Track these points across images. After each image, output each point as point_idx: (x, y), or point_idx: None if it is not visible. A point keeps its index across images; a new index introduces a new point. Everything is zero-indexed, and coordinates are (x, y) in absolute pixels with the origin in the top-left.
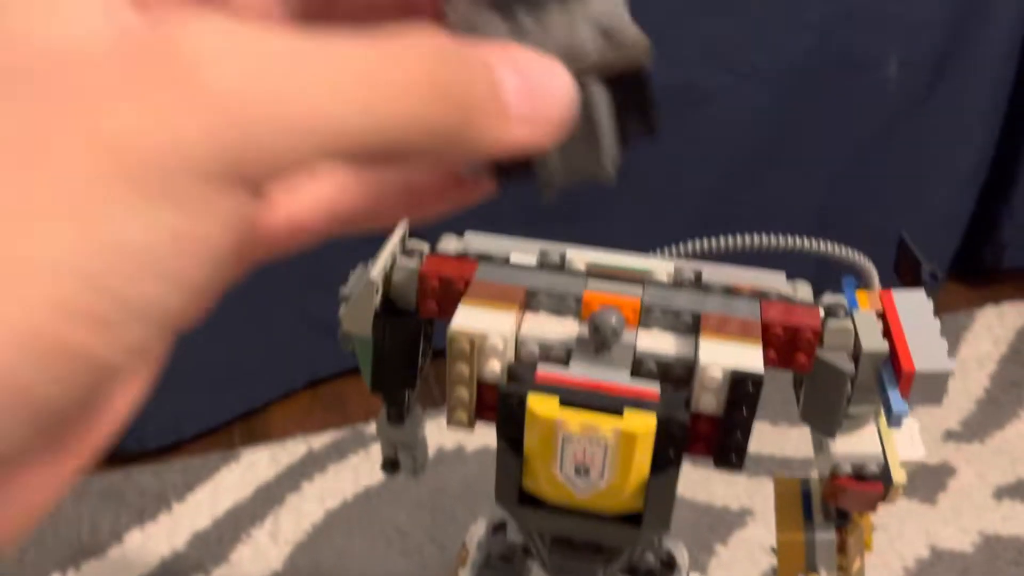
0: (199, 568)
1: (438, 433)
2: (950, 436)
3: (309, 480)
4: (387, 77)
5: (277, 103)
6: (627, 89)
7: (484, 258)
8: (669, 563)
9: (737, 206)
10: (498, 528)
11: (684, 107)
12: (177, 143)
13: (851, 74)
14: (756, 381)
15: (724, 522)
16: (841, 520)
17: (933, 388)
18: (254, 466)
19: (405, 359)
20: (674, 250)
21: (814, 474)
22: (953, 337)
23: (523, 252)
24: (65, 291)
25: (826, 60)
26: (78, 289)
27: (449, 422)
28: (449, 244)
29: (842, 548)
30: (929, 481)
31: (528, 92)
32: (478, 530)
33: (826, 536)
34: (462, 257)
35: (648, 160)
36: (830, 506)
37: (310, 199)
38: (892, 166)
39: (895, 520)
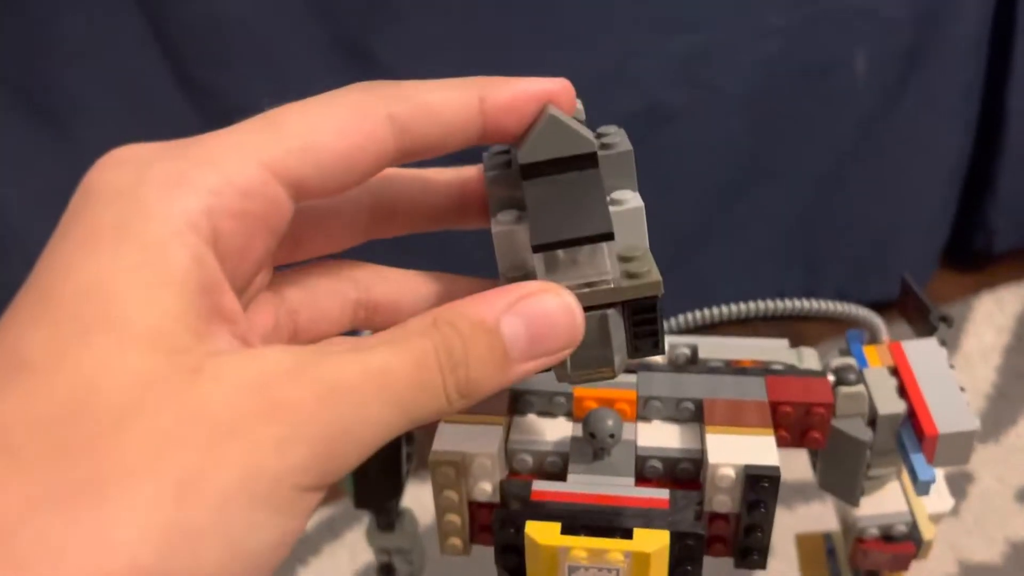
0: None
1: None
2: None
3: (304, 565)
4: (412, 385)
5: (355, 426)
6: (640, 314)
7: None
8: None
9: (717, 226)
10: None
11: (651, 128)
12: (294, 468)
13: (821, 77)
14: (773, 477)
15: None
16: None
17: (958, 449)
18: None
19: (387, 471)
20: (665, 325)
21: (837, 526)
22: (954, 329)
23: None
24: None
25: (793, 65)
26: None
27: (442, 550)
28: None
29: None
30: (950, 490)
31: (530, 336)
32: None
33: None
34: None
35: None
36: (858, 568)
37: None
38: (873, 165)
39: None
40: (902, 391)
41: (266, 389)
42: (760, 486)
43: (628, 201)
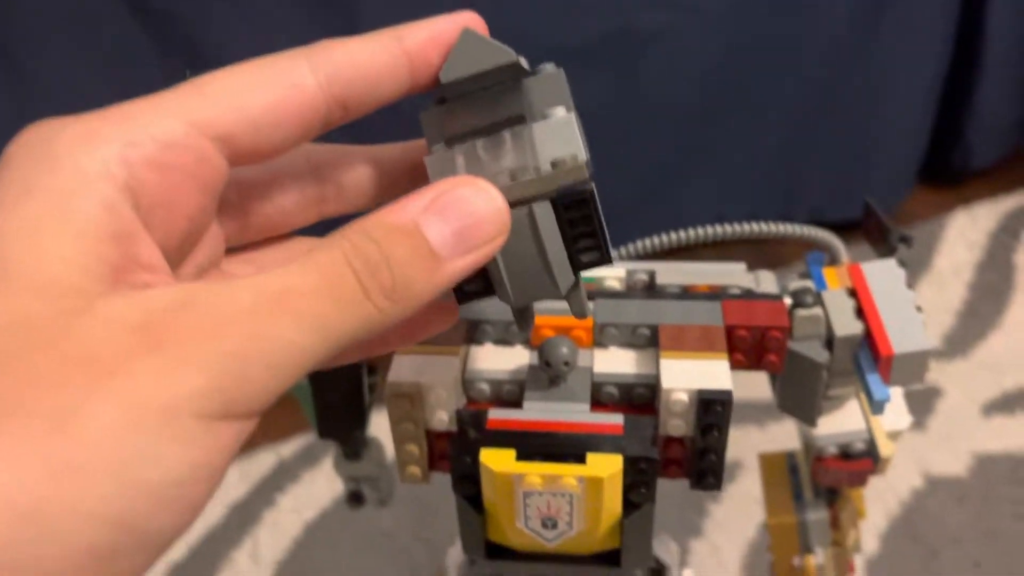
0: None
1: None
2: (933, 355)
3: (283, 492)
4: (322, 300)
5: (253, 350)
6: (573, 211)
7: None
8: (658, 568)
9: (693, 150)
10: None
11: (628, 51)
12: (188, 396)
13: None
14: (725, 400)
15: None
16: (831, 495)
17: (914, 368)
18: (223, 485)
19: (349, 403)
20: (622, 251)
21: (799, 449)
22: (926, 247)
23: None
24: (98, 537)
25: None
26: (108, 533)
27: (402, 479)
28: None
29: (835, 523)
30: (917, 406)
31: (454, 231)
32: (456, 553)
33: (818, 516)
34: None
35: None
36: (819, 485)
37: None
38: (849, 85)
39: None
40: (860, 312)
41: (149, 325)
42: (713, 410)
43: (556, 113)
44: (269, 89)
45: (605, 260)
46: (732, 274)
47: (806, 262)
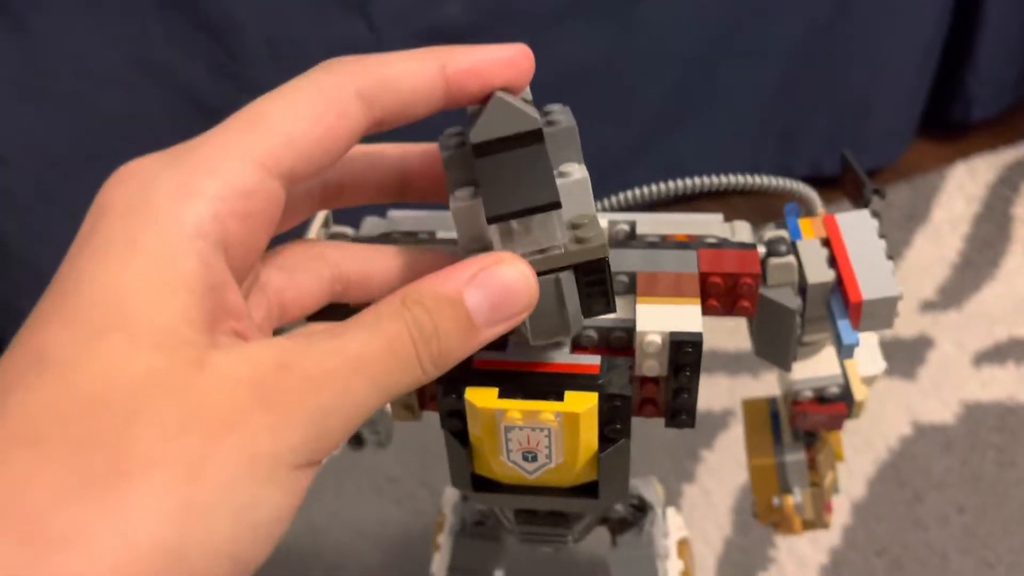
0: None
1: None
2: (927, 307)
3: None
4: (388, 364)
5: (337, 407)
6: (591, 275)
7: (409, 236)
8: (641, 506)
9: (690, 102)
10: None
11: (620, 6)
12: (290, 449)
13: None
14: (696, 343)
15: (707, 425)
16: (810, 438)
17: (883, 314)
18: None
19: None
20: (606, 203)
21: (780, 395)
22: (925, 199)
23: (451, 226)
24: (221, 572)
25: None
26: (228, 568)
27: (395, 418)
28: (374, 228)
29: (812, 465)
30: (908, 355)
31: (491, 304)
32: (451, 494)
33: (796, 457)
34: (386, 239)
35: (592, 68)
36: (797, 428)
37: None
38: (848, 36)
39: (876, 400)
40: (833, 261)
41: (258, 383)
42: (684, 351)
43: (573, 173)
44: (321, 121)
45: (611, 310)
46: (709, 224)
47: (783, 212)
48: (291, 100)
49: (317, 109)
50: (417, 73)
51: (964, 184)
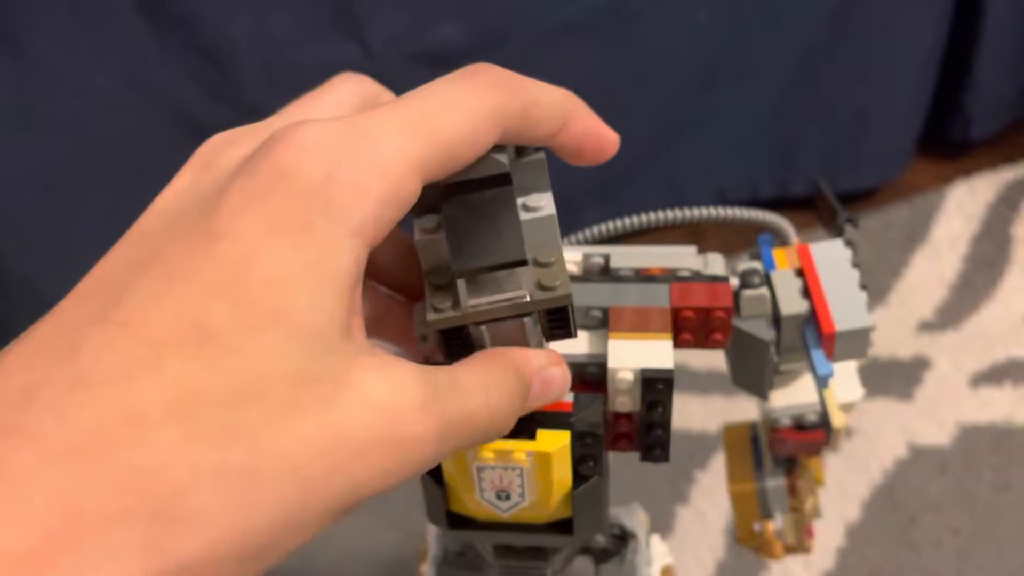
0: None
1: None
2: (924, 327)
3: None
4: (489, 419)
5: (448, 454)
6: (554, 315)
7: None
8: (623, 535)
9: (688, 121)
10: None
11: (618, 22)
12: (386, 490)
13: None
14: (667, 379)
15: (702, 447)
16: (790, 464)
17: (856, 345)
18: None
19: None
20: (580, 236)
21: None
22: (924, 218)
23: None
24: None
25: None
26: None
27: None
28: None
29: (793, 491)
30: (905, 376)
31: (539, 392)
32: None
33: (776, 483)
34: None
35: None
36: (776, 455)
37: None
38: (846, 54)
39: (872, 421)
40: (806, 291)
41: (397, 422)
42: (655, 387)
43: (542, 208)
44: (476, 136)
45: (572, 336)
46: (682, 257)
47: (757, 243)
48: (457, 104)
49: (476, 124)
50: (551, 114)
51: (963, 203)
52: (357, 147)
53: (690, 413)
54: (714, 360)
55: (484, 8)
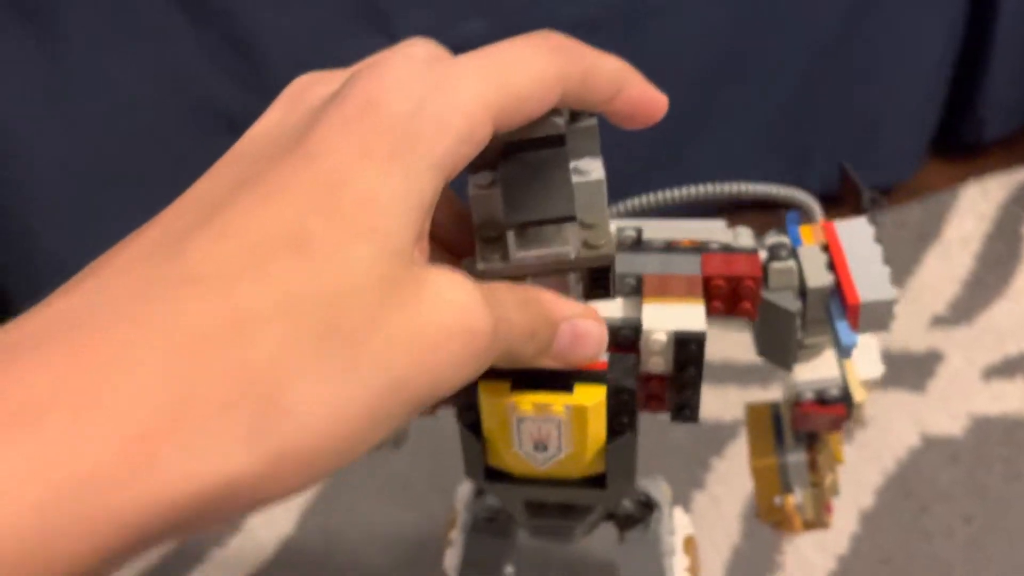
0: (215, 540)
1: None
2: (937, 322)
3: None
4: (522, 326)
5: (496, 350)
6: (596, 274)
7: None
8: (647, 503)
9: (701, 120)
10: (481, 491)
11: (632, 22)
12: (460, 383)
13: None
14: (699, 340)
15: (718, 436)
16: (811, 440)
17: (880, 316)
18: None
19: None
20: (612, 210)
21: (783, 400)
22: (937, 218)
23: None
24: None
25: None
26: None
27: None
28: None
29: (813, 466)
30: (918, 369)
31: (571, 342)
32: (464, 491)
33: (797, 458)
34: None
35: None
36: (798, 430)
37: None
38: (861, 58)
39: (885, 413)
40: (831, 266)
41: (467, 315)
42: (688, 348)
43: (592, 172)
44: (544, 94)
45: (611, 298)
46: (712, 230)
47: (784, 220)
48: (525, 67)
49: (547, 84)
50: (609, 80)
51: (976, 203)
52: (439, 87)
53: (705, 403)
54: (729, 351)
55: (509, 3)
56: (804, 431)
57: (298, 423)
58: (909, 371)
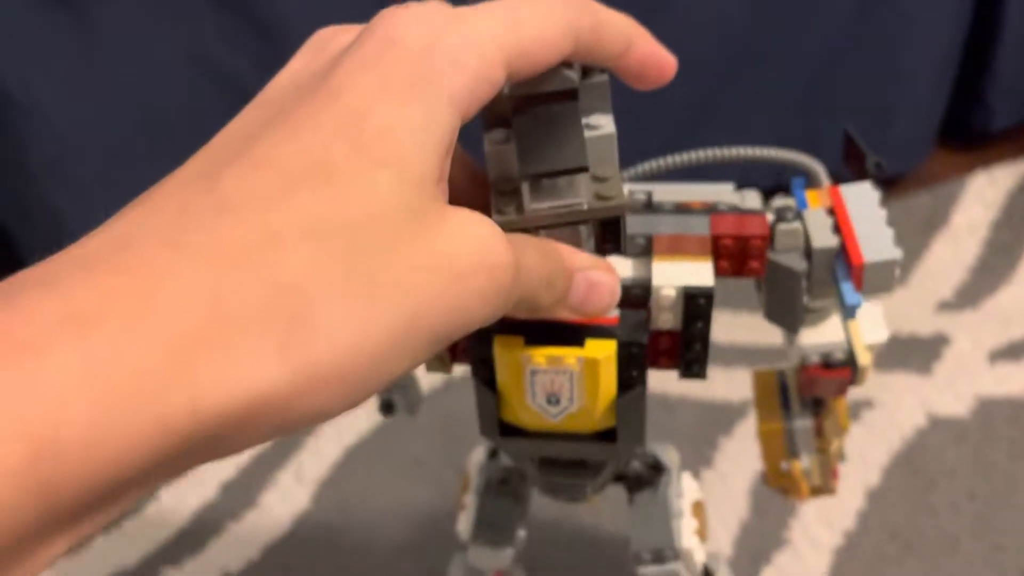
0: (231, 515)
1: None
2: (943, 306)
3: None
4: (541, 273)
5: (518, 289)
6: (608, 226)
7: None
8: (657, 466)
9: (713, 109)
10: (494, 453)
11: (645, 14)
12: (487, 318)
13: None
14: (707, 295)
15: (726, 416)
16: (817, 406)
17: (883, 277)
18: None
19: None
20: (624, 174)
21: (789, 365)
22: (945, 205)
23: None
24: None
25: None
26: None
27: (428, 369)
28: None
29: (819, 432)
30: (925, 352)
31: (585, 293)
32: (478, 456)
33: (803, 423)
34: None
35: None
36: (804, 395)
37: None
38: (870, 48)
39: (892, 394)
40: (836, 228)
41: (491, 251)
42: (696, 303)
43: (603, 127)
44: (557, 41)
45: (621, 252)
46: (720, 193)
47: (791, 184)
48: (537, 14)
49: (559, 31)
50: (618, 34)
51: (984, 191)
52: (456, 26)
53: (714, 383)
54: (735, 333)
55: None
56: (810, 397)
57: (326, 340)
58: (916, 354)
